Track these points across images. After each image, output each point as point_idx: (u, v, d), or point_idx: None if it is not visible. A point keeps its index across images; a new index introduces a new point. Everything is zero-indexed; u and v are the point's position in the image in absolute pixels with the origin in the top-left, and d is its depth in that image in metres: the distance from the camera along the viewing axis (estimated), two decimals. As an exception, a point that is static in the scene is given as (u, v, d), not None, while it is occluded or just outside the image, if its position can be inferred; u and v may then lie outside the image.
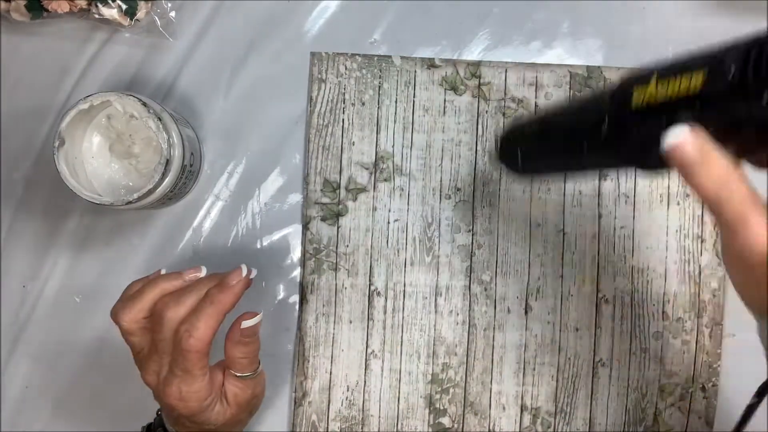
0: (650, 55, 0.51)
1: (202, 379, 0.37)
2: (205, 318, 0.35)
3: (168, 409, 0.38)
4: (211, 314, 0.36)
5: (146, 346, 0.38)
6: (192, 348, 0.35)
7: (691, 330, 0.50)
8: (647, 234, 0.50)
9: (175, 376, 0.36)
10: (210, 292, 0.36)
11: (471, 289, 0.50)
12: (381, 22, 0.51)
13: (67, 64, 0.51)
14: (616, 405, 0.50)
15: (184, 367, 0.36)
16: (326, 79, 0.50)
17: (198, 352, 0.35)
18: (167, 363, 0.37)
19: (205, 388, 0.37)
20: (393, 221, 0.50)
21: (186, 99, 0.51)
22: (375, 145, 0.50)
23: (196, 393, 0.36)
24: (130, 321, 0.37)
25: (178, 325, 0.36)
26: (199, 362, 0.36)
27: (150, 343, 0.37)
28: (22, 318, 0.51)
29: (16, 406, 0.51)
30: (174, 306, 0.36)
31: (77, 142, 0.45)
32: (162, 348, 0.36)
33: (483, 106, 0.50)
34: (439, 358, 0.50)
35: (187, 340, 0.35)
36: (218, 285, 0.37)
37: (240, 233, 0.51)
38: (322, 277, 0.50)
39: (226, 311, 0.37)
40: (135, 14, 0.49)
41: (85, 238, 0.51)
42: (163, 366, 0.37)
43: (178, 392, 0.36)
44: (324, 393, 0.50)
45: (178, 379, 0.36)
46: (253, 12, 0.51)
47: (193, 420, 0.38)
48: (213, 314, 0.36)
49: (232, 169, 0.51)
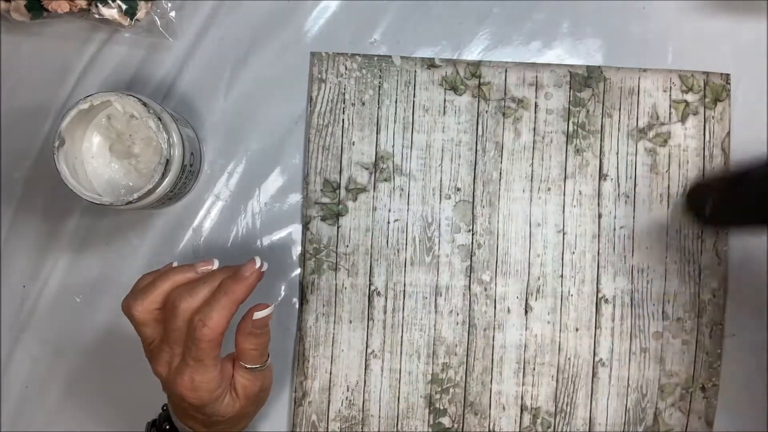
0: (650, 55, 0.51)
1: (214, 369, 0.37)
2: (218, 308, 0.36)
3: (178, 400, 0.38)
4: (225, 304, 0.36)
5: (157, 338, 0.38)
6: (205, 337, 0.35)
7: (691, 330, 0.50)
8: (647, 234, 0.50)
9: (187, 366, 0.36)
10: (224, 283, 0.37)
11: (471, 289, 0.50)
12: (381, 22, 0.51)
13: (67, 64, 0.51)
14: (616, 405, 0.50)
15: (197, 357, 0.36)
16: (326, 79, 0.50)
17: (211, 342, 0.36)
18: (179, 353, 0.37)
19: (216, 379, 0.37)
20: (393, 221, 0.50)
21: (186, 99, 0.51)
22: (375, 145, 0.50)
23: (207, 383, 0.37)
24: (143, 312, 0.37)
25: (191, 315, 0.36)
26: (212, 352, 0.36)
27: (161, 334, 0.38)
28: (22, 318, 0.51)
29: (16, 406, 0.51)
30: (188, 296, 0.37)
31: (77, 142, 0.45)
32: (174, 338, 0.37)
33: (483, 106, 0.50)
34: (439, 358, 0.50)
35: (201, 329, 0.35)
36: (232, 276, 0.37)
37: (240, 233, 0.51)
38: (322, 277, 0.50)
39: (239, 302, 0.37)
40: (135, 14, 0.49)
41: (85, 238, 0.51)
42: (174, 356, 0.37)
43: (190, 382, 0.37)
44: (324, 393, 0.50)
45: (190, 368, 0.36)
46: (253, 12, 0.51)
47: (203, 411, 0.38)
48: (226, 304, 0.36)
49: (232, 169, 0.51)
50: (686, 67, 0.51)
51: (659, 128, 0.50)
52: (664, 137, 0.50)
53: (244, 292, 0.37)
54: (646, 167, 0.50)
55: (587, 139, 0.50)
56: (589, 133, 0.50)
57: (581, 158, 0.50)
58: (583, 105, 0.50)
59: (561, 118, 0.50)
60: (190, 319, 0.36)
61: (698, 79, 0.50)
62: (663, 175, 0.50)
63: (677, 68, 0.51)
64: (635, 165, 0.50)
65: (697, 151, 0.50)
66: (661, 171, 0.50)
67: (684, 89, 0.50)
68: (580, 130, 0.50)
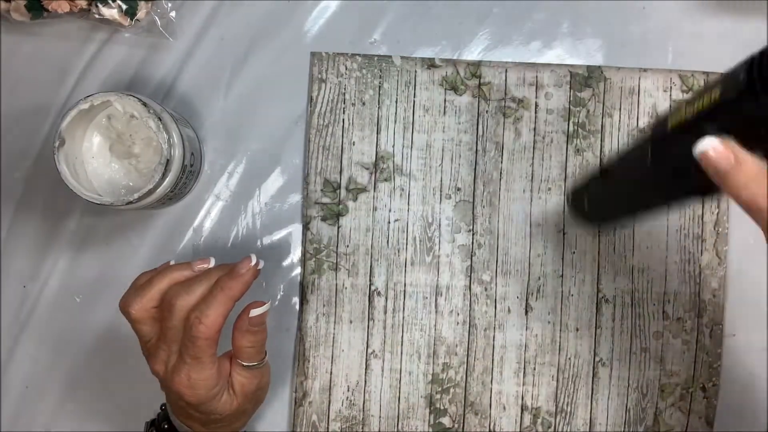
0: (650, 55, 0.51)
1: (211, 366, 0.37)
2: (215, 305, 0.36)
3: (175, 398, 0.38)
4: (222, 301, 0.36)
5: (154, 336, 0.38)
6: (202, 335, 0.36)
7: (692, 330, 0.50)
8: (647, 234, 0.50)
9: (184, 363, 0.37)
10: (220, 280, 0.37)
11: (471, 289, 0.50)
12: (381, 22, 0.51)
13: (67, 64, 0.51)
14: (616, 405, 0.50)
15: (194, 354, 0.36)
16: (326, 79, 0.50)
17: (208, 339, 0.36)
18: (176, 351, 0.37)
19: (213, 376, 0.37)
20: (393, 221, 0.50)
21: (186, 99, 0.51)
22: (375, 145, 0.50)
23: (204, 381, 0.37)
24: (140, 310, 0.37)
25: (188, 312, 0.36)
26: (209, 349, 0.36)
27: (159, 332, 0.38)
28: (22, 318, 0.51)
29: (16, 406, 0.51)
30: (184, 294, 0.37)
31: (77, 142, 0.45)
32: (171, 336, 0.37)
33: (483, 106, 0.50)
34: (440, 358, 0.50)
35: (197, 326, 0.36)
36: (228, 273, 0.37)
37: (240, 233, 0.51)
38: (322, 277, 0.50)
39: (236, 299, 0.37)
40: (135, 14, 0.49)
41: (85, 238, 0.51)
42: (171, 354, 0.37)
43: (187, 379, 0.37)
44: (324, 393, 0.50)
45: (188, 366, 0.36)
46: (253, 12, 0.51)
47: (200, 409, 0.38)
48: (223, 301, 0.36)
49: (232, 169, 0.51)
50: (686, 67, 0.51)
51: (659, 128, 0.50)
52: (664, 137, 0.50)
53: (240, 289, 0.37)
54: (646, 167, 0.50)
55: (587, 139, 0.50)
56: (589, 133, 0.50)
57: (581, 158, 0.50)
58: (583, 105, 0.50)
59: (561, 118, 0.50)
60: (187, 317, 0.36)
61: (698, 79, 0.50)
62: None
63: (677, 68, 0.51)
64: (635, 165, 0.50)
65: (697, 151, 0.50)
66: (661, 171, 0.50)
67: (684, 89, 0.50)
68: (581, 130, 0.50)
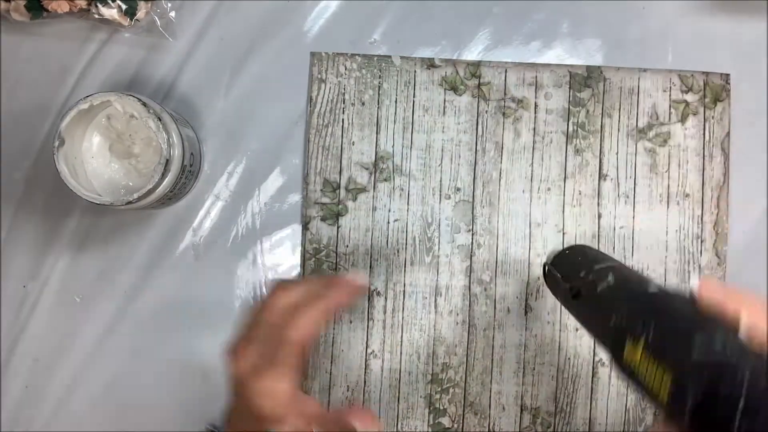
0: (650, 55, 0.51)
1: (288, 381, 0.34)
2: (309, 311, 0.35)
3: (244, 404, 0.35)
4: (317, 307, 0.35)
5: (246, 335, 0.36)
6: (289, 338, 0.34)
7: (691, 330, 0.50)
8: (647, 234, 0.50)
9: (263, 368, 0.34)
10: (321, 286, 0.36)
11: (471, 289, 0.50)
12: (381, 22, 0.51)
13: (67, 64, 0.51)
14: (615, 405, 0.50)
15: (275, 360, 0.34)
16: (326, 79, 0.50)
17: (294, 345, 0.34)
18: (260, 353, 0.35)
19: (286, 394, 0.34)
20: (393, 221, 0.50)
21: (186, 99, 0.51)
22: (375, 145, 0.50)
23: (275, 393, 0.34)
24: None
25: (282, 314, 0.35)
26: (292, 358, 0.34)
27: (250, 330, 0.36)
28: (22, 318, 0.51)
29: (16, 406, 0.51)
30: (282, 295, 0.36)
31: (77, 142, 0.45)
32: (259, 336, 0.35)
33: (483, 106, 0.50)
34: (439, 358, 0.50)
35: (287, 330, 0.34)
36: (329, 282, 0.37)
37: (240, 233, 0.51)
38: (322, 277, 0.50)
39: (331, 309, 0.36)
40: (135, 14, 0.49)
41: (85, 238, 0.51)
42: (255, 356, 0.35)
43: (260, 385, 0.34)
44: (324, 393, 0.50)
45: (265, 371, 0.34)
46: (253, 12, 0.51)
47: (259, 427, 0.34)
48: (318, 307, 0.35)
49: (232, 169, 0.51)
50: (686, 67, 0.51)
51: (659, 128, 0.50)
52: (663, 137, 0.50)
53: (338, 299, 0.36)
54: (645, 167, 0.50)
55: (587, 139, 0.50)
56: (588, 133, 0.50)
57: (581, 158, 0.50)
58: (582, 105, 0.50)
59: (561, 118, 0.50)
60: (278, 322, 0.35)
61: (698, 79, 0.50)
62: (663, 175, 0.50)
63: (677, 68, 0.51)
64: (635, 165, 0.50)
65: (696, 151, 0.50)
66: (660, 171, 0.50)
67: (684, 89, 0.50)
68: (580, 130, 0.50)
